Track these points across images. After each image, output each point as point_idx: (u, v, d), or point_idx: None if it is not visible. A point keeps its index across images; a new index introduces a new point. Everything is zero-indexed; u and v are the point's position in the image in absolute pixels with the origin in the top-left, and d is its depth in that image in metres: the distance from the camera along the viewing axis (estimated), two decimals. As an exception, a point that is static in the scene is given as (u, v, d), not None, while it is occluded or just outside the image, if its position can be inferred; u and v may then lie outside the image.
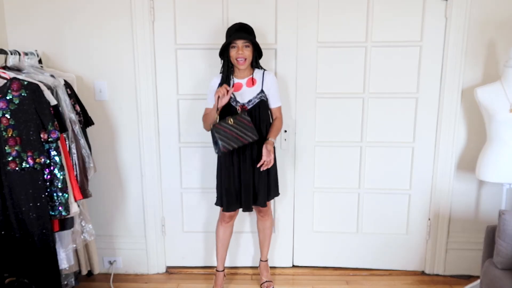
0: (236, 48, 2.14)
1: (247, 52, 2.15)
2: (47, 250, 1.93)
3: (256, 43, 2.18)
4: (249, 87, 2.24)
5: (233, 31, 2.18)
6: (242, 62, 2.16)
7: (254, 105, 2.22)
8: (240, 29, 2.18)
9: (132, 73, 2.47)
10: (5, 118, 1.82)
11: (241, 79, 2.25)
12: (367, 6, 2.38)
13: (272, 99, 2.27)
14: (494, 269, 1.93)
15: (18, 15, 2.41)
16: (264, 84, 2.24)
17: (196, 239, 2.73)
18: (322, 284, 2.59)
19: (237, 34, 2.15)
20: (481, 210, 2.59)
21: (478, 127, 2.44)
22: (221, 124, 2.11)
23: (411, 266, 2.71)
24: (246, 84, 2.24)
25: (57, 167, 1.91)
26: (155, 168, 2.59)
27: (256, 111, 2.23)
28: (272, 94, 2.26)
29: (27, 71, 2.08)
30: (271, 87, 2.26)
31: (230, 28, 2.20)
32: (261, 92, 2.23)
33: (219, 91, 2.13)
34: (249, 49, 2.16)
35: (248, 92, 2.23)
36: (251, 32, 2.21)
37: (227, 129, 2.09)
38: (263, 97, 2.23)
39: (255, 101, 2.22)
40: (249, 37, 2.16)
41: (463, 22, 2.33)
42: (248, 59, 2.17)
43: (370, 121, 2.53)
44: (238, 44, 2.14)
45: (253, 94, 2.23)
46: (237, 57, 2.15)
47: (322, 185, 2.64)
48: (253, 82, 2.23)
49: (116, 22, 2.41)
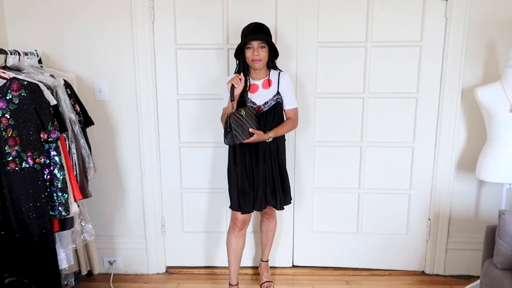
0: (252, 49, 2.11)
1: (262, 53, 2.11)
2: (47, 250, 1.93)
3: (272, 43, 2.14)
4: (265, 89, 2.21)
5: (249, 31, 2.13)
6: (257, 62, 2.12)
7: (270, 107, 2.19)
8: (256, 30, 2.13)
9: (132, 73, 2.47)
10: (5, 118, 1.82)
11: (257, 81, 2.22)
12: (367, 6, 2.38)
13: (287, 101, 2.23)
14: (494, 269, 1.93)
15: (18, 15, 2.41)
16: (280, 85, 2.20)
17: (196, 239, 2.73)
18: (322, 284, 2.59)
19: (253, 35, 2.10)
20: (481, 210, 2.59)
21: (478, 127, 2.44)
22: (236, 114, 2.05)
23: (411, 266, 2.71)
24: (262, 85, 2.21)
25: (57, 167, 1.90)
26: (155, 168, 2.59)
27: (272, 113, 2.19)
28: (287, 95, 2.22)
29: (27, 71, 2.08)
30: (287, 88, 2.21)
31: (246, 28, 2.15)
32: (277, 94, 2.19)
33: (232, 80, 2.11)
34: (265, 49, 2.12)
35: (264, 93, 2.20)
36: (267, 32, 2.15)
37: (240, 120, 2.05)
38: (279, 99, 2.19)
39: (271, 103, 2.19)
40: (265, 37, 2.11)
41: (463, 22, 2.33)
42: (263, 60, 2.13)
43: (370, 121, 2.53)
44: (254, 45, 2.10)
45: (269, 96, 2.19)
46: (252, 58, 2.11)
47: (322, 185, 2.64)
48: (269, 83, 2.20)
49: (116, 22, 2.41)
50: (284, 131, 2.24)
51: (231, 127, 2.03)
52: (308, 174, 2.61)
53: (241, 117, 2.06)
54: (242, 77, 2.12)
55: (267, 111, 2.18)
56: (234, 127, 2.02)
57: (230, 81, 2.12)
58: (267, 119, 2.18)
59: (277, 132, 2.19)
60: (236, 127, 2.03)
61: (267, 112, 2.18)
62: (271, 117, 2.19)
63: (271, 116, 2.19)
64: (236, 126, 2.03)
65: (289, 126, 2.25)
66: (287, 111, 2.26)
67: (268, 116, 2.18)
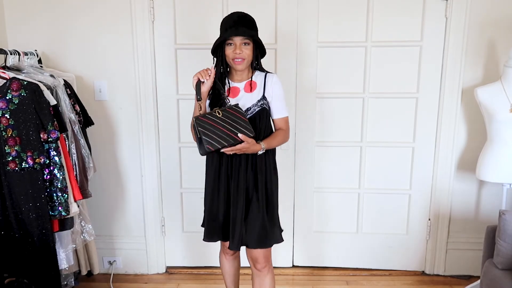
0: (233, 46, 1.77)
1: (246, 51, 1.77)
2: (46, 250, 1.93)
3: (258, 39, 1.81)
4: (248, 93, 1.85)
5: (229, 23, 1.77)
6: (239, 63, 1.79)
7: (253, 114, 1.83)
8: (239, 22, 1.77)
9: (132, 73, 2.47)
10: (5, 118, 1.81)
11: (238, 83, 1.88)
12: (367, 6, 2.38)
13: (275, 108, 1.87)
14: (494, 269, 1.92)
15: (18, 15, 2.41)
16: (266, 89, 1.85)
17: (196, 239, 2.73)
18: (322, 284, 2.59)
19: (235, 29, 1.74)
20: (481, 210, 2.59)
21: (478, 127, 2.44)
22: (205, 116, 1.69)
23: (411, 266, 2.71)
24: (244, 88, 1.87)
25: (56, 167, 1.90)
26: (155, 168, 2.58)
27: (255, 121, 1.83)
28: (276, 101, 1.87)
29: (26, 71, 2.08)
30: (275, 93, 1.86)
31: (226, 20, 1.80)
32: (263, 98, 1.84)
33: (198, 73, 1.76)
34: (249, 47, 1.78)
35: (247, 98, 1.85)
36: (252, 25, 1.81)
37: (214, 122, 1.68)
38: (264, 105, 1.84)
39: (255, 109, 1.84)
40: (250, 32, 1.77)
41: (463, 22, 2.33)
42: (247, 59, 1.79)
43: (370, 121, 2.52)
44: (236, 41, 1.76)
45: (253, 101, 1.84)
46: (233, 57, 1.78)
47: (322, 185, 2.64)
48: (252, 86, 1.85)
49: (116, 21, 2.41)
50: (276, 144, 1.88)
51: (198, 133, 1.68)
52: (308, 174, 2.61)
53: (214, 119, 1.69)
54: (211, 70, 1.77)
55: (250, 119, 1.80)
56: (202, 131, 1.67)
57: (196, 75, 1.76)
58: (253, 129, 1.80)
59: (270, 143, 1.83)
60: (207, 131, 1.67)
61: (249, 120, 1.80)
62: (256, 126, 1.82)
63: (255, 125, 1.82)
64: (207, 131, 1.67)
65: (281, 137, 1.89)
66: (276, 121, 1.91)
67: (253, 126, 1.79)
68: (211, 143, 1.66)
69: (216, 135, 1.68)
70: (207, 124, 1.68)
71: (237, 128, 1.71)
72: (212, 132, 1.67)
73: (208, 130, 1.67)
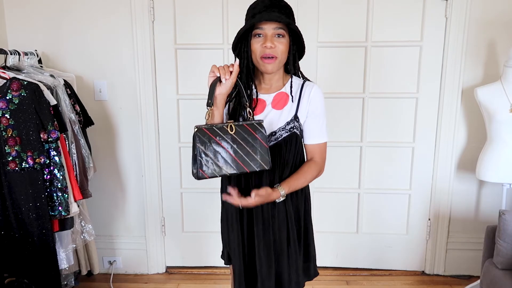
0: (263, 38, 1.31)
1: (280, 46, 1.32)
2: (47, 250, 1.93)
3: (297, 30, 1.36)
4: (277, 109, 1.37)
5: (260, 7, 1.31)
6: (270, 61, 1.32)
7: (279, 141, 1.36)
8: (272, 5, 1.31)
9: (132, 73, 2.47)
10: (5, 118, 1.82)
11: (264, 94, 1.39)
12: (367, 6, 2.38)
13: (310, 130, 1.41)
14: (494, 269, 1.93)
15: (18, 15, 2.41)
16: (301, 105, 1.37)
17: (196, 239, 2.73)
18: (322, 284, 2.59)
19: (266, 13, 1.28)
20: (481, 210, 2.59)
21: (478, 127, 2.44)
22: (211, 128, 1.27)
23: (411, 266, 2.71)
24: (271, 103, 1.38)
25: (57, 167, 1.90)
26: (155, 168, 2.58)
27: (280, 148, 1.37)
28: (312, 121, 1.41)
29: (26, 71, 2.08)
30: (314, 111, 1.39)
31: (255, 4, 1.34)
32: (294, 120, 1.37)
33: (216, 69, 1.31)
34: (283, 40, 1.33)
35: (273, 117, 1.37)
36: (289, 13, 1.36)
37: (220, 139, 1.26)
38: (295, 129, 1.37)
39: (281, 134, 1.36)
40: (286, 19, 1.30)
41: (463, 22, 2.33)
42: (280, 57, 1.34)
43: (370, 121, 2.52)
44: (267, 30, 1.30)
45: (281, 122, 1.37)
46: (263, 53, 1.31)
47: (322, 185, 2.63)
48: (285, 100, 1.37)
49: (116, 21, 2.41)
50: (303, 184, 1.41)
51: (195, 149, 1.26)
52: (308, 174, 2.61)
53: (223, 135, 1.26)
54: (235, 66, 1.30)
55: (272, 148, 1.35)
56: (201, 148, 1.24)
57: (213, 70, 1.31)
58: (274, 160, 1.34)
59: (293, 185, 1.36)
60: (208, 151, 1.25)
61: (273, 148, 1.36)
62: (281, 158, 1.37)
63: (279, 157, 1.37)
64: (207, 151, 1.25)
65: (312, 173, 1.42)
66: (310, 147, 1.45)
67: (275, 156, 1.35)
68: (207, 168, 1.26)
69: (218, 158, 1.26)
70: (211, 141, 1.25)
71: (249, 155, 1.27)
72: (213, 152, 1.26)
73: (208, 149, 1.25)
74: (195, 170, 1.29)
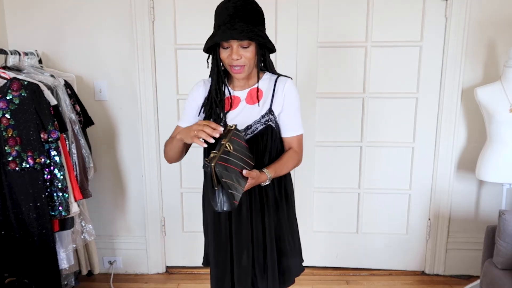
0: (230, 50, 1.36)
1: (246, 54, 1.36)
2: (47, 250, 1.93)
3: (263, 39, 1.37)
4: (250, 104, 1.43)
5: (224, 17, 1.34)
6: (238, 71, 1.38)
7: (255, 134, 1.41)
8: (236, 15, 1.32)
9: (132, 73, 2.47)
10: (5, 118, 1.82)
11: (239, 91, 1.46)
12: (367, 6, 2.38)
13: (286, 124, 1.46)
14: (494, 269, 1.93)
15: (18, 15, 2.41)
16: (275, 99, 1.42)
17: (196, 239, 2.73)
18: (322, 284, 2.59)
19: (230, 26, 1.32)
20: (481, 210, 2.59)
21: (478, 127, 2.44)
22: (225, 158, 1.20)
23: (411, 266, 2.71)
24: (245, 99, 1.45)
25: (57, 167, 1.90)
26: (155, 168, 2.58)
27: (257, 141, 1.42)
28: (287, 115, 1.45)
29: (27, 71, 2.08)
30: (288, 105, 1.43)
31: (221, 10, 1.37)
32: (268, 113, 1.42)
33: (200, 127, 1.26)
34: (249, 49, 1.36)
35: (247, 112, 1.43)
36: (254, 19, 1.36)
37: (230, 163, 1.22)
38: (270, 121, 1.42)
39: (256, 127, 1.42)
40: (249, 34, 1.32)
41: (463, 22, 2.33)
42: (248, 64, 1.38)
43: (370, 121, 2.53)
44: (232, 43, 1.35)
45: (256, 116, 1.42)
46: (230, 63, 1.38)
47: (322, 185, 2.64)
48: (258, 95, 1.42)
49: (116, 21, 2.41)
50: (287, 170, 1.48)
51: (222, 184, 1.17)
52: (308, 174, 2.61)
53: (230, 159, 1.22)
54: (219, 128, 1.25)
55: (249, 140, 1.40)
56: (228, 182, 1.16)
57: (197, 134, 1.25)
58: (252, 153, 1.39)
59: (278, 170, 1.42)
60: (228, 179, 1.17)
61: (250, 141, 1.40)
62: (258, 149, 1.42)
63: (257, 148, 1.42)
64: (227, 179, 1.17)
65: (293, 160, 1.49)
66: (287, 139, 1.50)
67: (252, 149, 1.40)
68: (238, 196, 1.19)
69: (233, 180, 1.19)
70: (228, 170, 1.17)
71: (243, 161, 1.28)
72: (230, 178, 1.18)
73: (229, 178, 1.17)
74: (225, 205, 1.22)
